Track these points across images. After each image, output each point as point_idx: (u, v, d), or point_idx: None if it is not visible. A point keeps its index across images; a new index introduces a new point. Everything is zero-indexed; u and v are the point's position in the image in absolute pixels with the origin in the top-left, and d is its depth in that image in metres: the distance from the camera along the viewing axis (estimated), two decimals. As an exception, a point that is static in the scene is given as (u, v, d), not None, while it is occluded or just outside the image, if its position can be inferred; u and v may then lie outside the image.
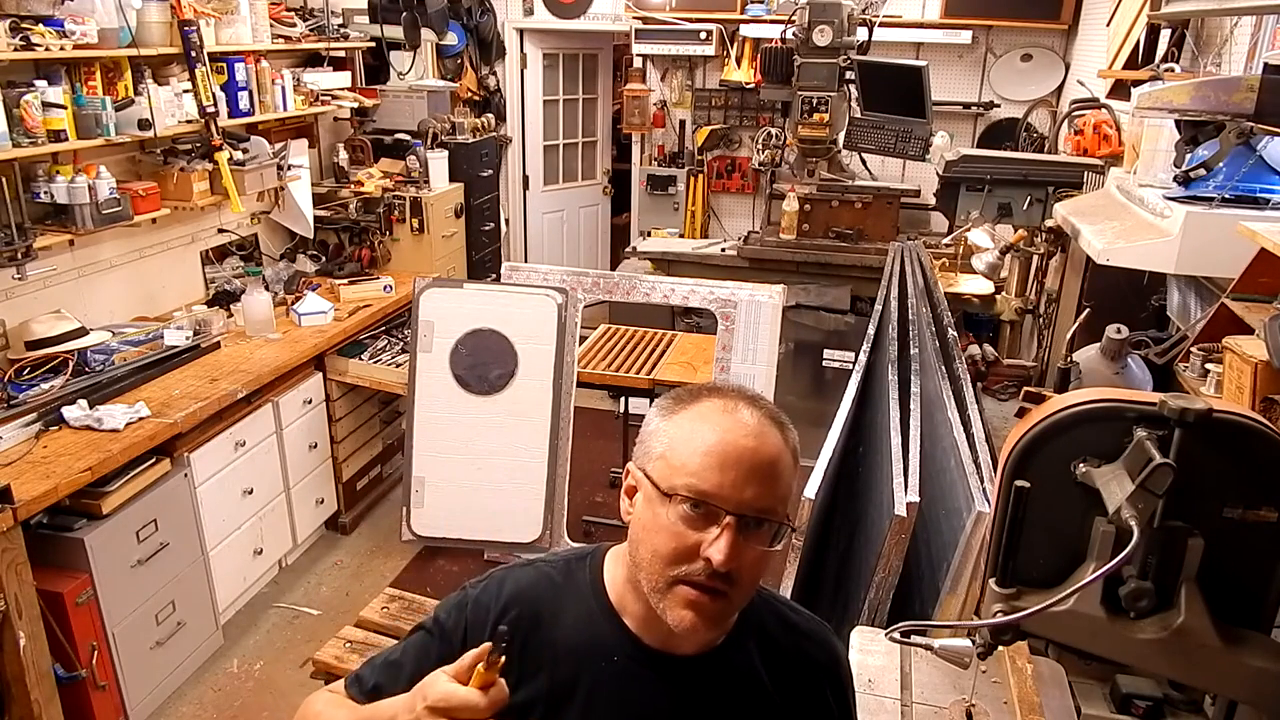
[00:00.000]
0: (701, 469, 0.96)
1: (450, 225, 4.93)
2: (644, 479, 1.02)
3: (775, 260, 4.66)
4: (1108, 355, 2.35)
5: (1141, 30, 3.56)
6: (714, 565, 0.95)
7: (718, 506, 0.96)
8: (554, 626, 1.08)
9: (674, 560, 0.97)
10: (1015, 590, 1.16)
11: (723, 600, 0.98)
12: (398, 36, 4.85)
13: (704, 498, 0.96)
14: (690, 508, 0.96)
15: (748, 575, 0.98)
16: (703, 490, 0.96)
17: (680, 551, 0.97)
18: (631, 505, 1.05)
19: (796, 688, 1.13)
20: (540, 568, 1.14)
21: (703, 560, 0.95)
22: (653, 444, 1.02)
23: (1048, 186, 3.71)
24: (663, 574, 0.98)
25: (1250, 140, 2.11)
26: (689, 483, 0.96)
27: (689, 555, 0.96)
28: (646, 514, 1.00)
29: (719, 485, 0.96)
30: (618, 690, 1.05)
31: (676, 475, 0.98)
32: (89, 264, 3.46)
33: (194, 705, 3.13)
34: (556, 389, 3.42)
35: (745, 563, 0.97)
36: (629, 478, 1.05)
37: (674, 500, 0.97)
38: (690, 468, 0.97)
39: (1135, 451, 1.06)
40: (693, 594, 0.97)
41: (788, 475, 1.01)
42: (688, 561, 0.96)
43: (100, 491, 2.72)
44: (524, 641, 1.06)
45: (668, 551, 0.97)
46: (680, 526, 0.97)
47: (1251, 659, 1.09)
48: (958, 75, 5.38)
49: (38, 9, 2.92)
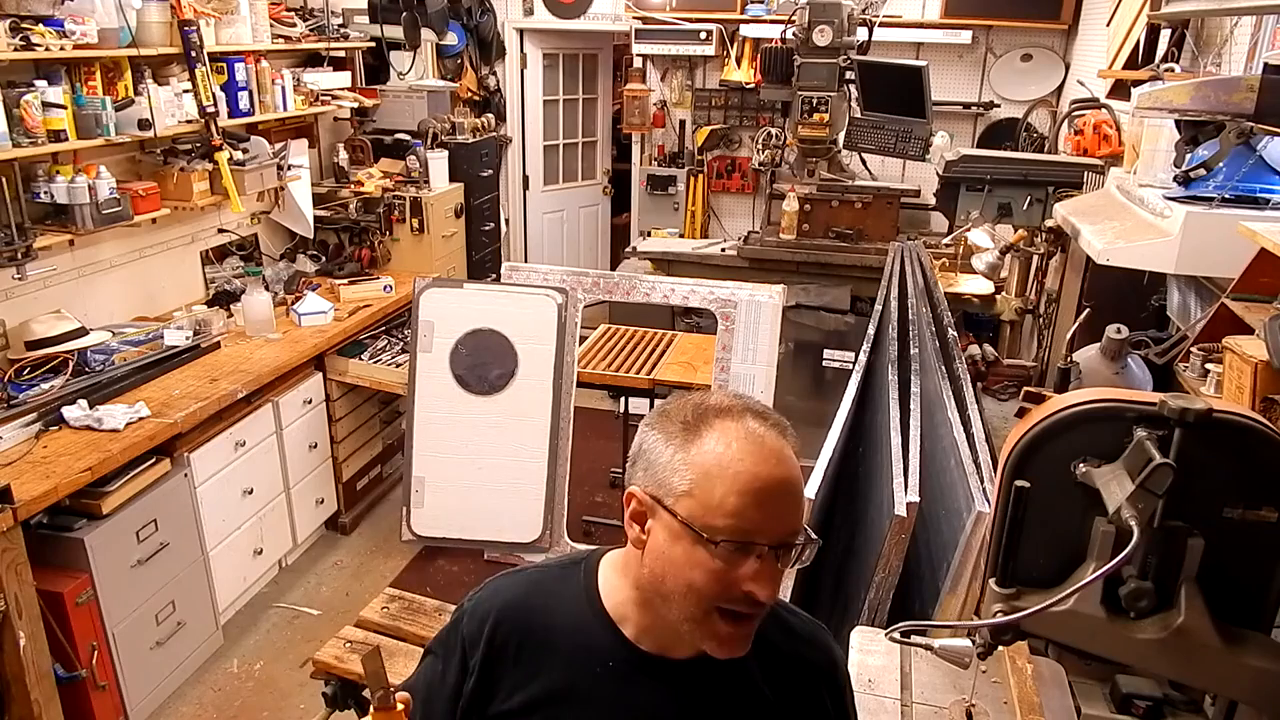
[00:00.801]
0: (740, 509, 0.94)
1: (450, 225, 4.93)
2: (666, 514, 0.98)
3: (775, 260, 4.66)
4: (1108, 355, 2.35)
5: (1141, 30, 3.56)
6: (761, 599, 0.96)
7: (759, 542, 0.96)
8: (548, 632, 1.08)
9: (714, 596, 0.97)
10: (1015, 590, 1.16)
11: (754, 621, 1.00)
12: (398, 36, 4.86)
13: (748, 538, 0.95)
14: (734, 550, 0.95)
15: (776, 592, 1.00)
16: (746, 530, 0.95)
17: (724, 586, 0.97)
18: (644, 532, 1.01)
19: (793, 691, 1.12)
20: (533, 574, 1.15)
21: (744, 594, 0.96)
22: (671, 479, 0.98)
23: (1048, 186, 3.71)
24: (700, 606, 0.98)
25: (1250, 140, 2.11)
26: (731, 524, 0.94)
27: (729, 589, 0.96)
28: (675, 551, 0.98)
29: (760, 523, 0.95)
30: (614, 694, 1.06)
31: (714, 516, 0.95)
32: (89, 264, 3.46)
33: (194, 705, 3.13)
34: (556, 389, 3.42)
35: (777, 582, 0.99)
36: (633, 503, 1.02)
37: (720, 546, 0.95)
38: (728, 507, 0.95)
39: (1135, 451, 1.06)
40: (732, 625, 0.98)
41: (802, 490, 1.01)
42: (726, 594, 0.97)
43: (100, 491, 2.72)
44: (518, 648, 1.07)
45: (708, 588, 0.97)
46: (718, 564, 0.96)
47: (1251, 659, 1.09)
48: (958, 75, 5.38)
49: (38, 9, 2.92)
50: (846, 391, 2.79)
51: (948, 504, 2.09)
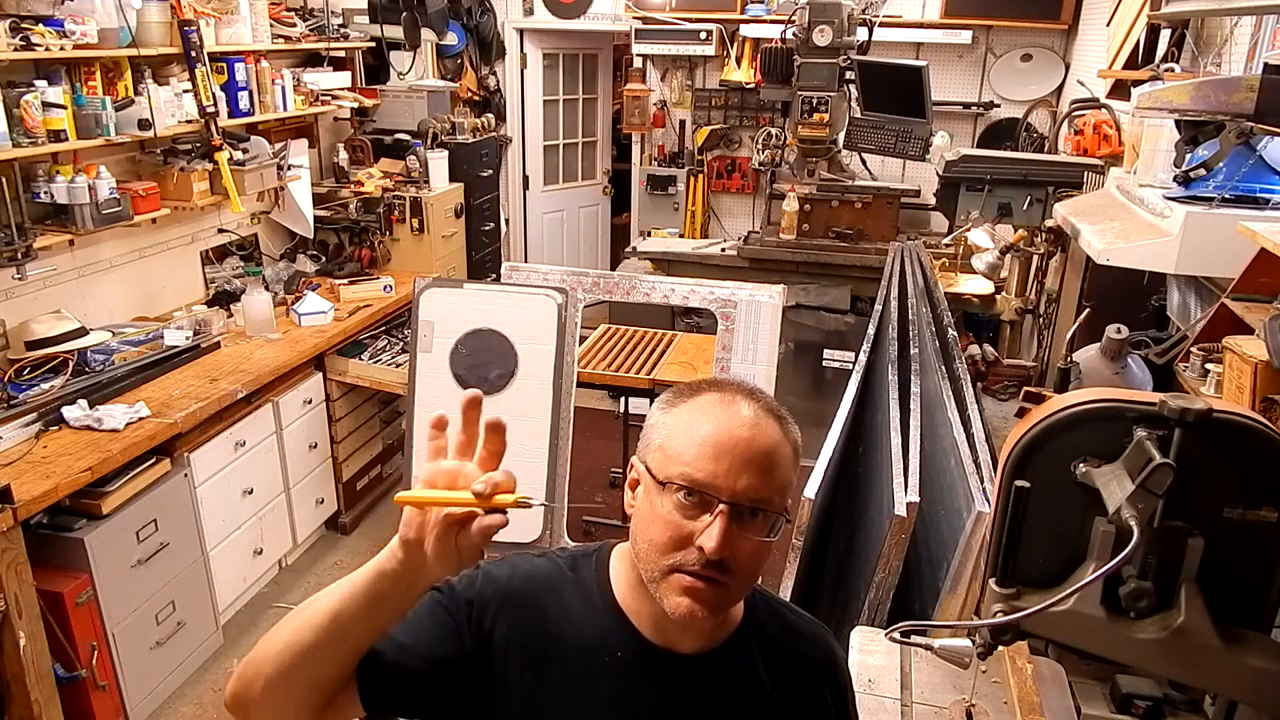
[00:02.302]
0: (696, 458, 0.97)
1: (450, 225, 4.93)
2: (644, 471, 1.03)
3: (775, 260, 4.66)
4: (1108, 355, 2.35)
5: (1141, 30, 3.56)
6: (706, 553, 0.95)
7: (711, 495, 0.96)
8: (561, 619, 1.08)
9: (669, 549, 0.98)
10: (1015, 590, 1.16)
11: (719, 588, 0.98)
12: (398, 36, 4.85)
13: (697, 486, 0.97)
14: (685, 496, 0.97)
15: (745, 565, 0.98)
16: (696, 479, 0.97)
17: (675, 540, 0.97)
18: (634, 498, 1.06)
19: (796, 688, 1.13)
20: (551, 559, 1.15)
21: (696, 549, 0.96)
22: (653, 436, 1.04)
23: (1048, 186, 3.71)
24: (658, 563, 0.99)
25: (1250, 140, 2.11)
26: (683, 471, 0.98)
27: (683, 543, 0.97)
28: (645, 505, 1.02)
29: (713, 474, 0.96)
30: (621, 686, 1.06)
31: (672, 465, 0.99)
32: (89, 264, 3.46)
33: (194, 705, 3.13)
34: (556, 389, 3.42)
35: (741, 552, 0.97)
36: (632, 471, 1.07)
37: (669, 489, 0.98)
38: (685, 457, 0.98)
39: (1135, 451, 1.06)
40: (687, 580, 0.97)
41: (785, 467, 1.01)
42: (682, 550, 0.97)
43: (100, 491, 2.72)
44: (530, 629, 1.06)
45: (663, 540, 0.98)
46: (675, 515, 0.98)
47: (1251, 659, 1.09)
48: (958, 75, 5.38)
49: (38, 9, 2.92)
50: (846, 391, 2.79)
51: (948, 504, 2.09)
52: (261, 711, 0.95)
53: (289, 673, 0.93)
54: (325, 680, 0.95)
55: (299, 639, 0.92)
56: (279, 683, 0.93)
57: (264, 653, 0.94)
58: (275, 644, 0.94)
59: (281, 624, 0.96)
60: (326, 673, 0.95)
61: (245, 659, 0.96)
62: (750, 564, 0.99)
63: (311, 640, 0.92)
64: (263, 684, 0.93)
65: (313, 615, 0.93)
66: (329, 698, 0.96)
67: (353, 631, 0.94)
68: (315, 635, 0.92)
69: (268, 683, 0.93)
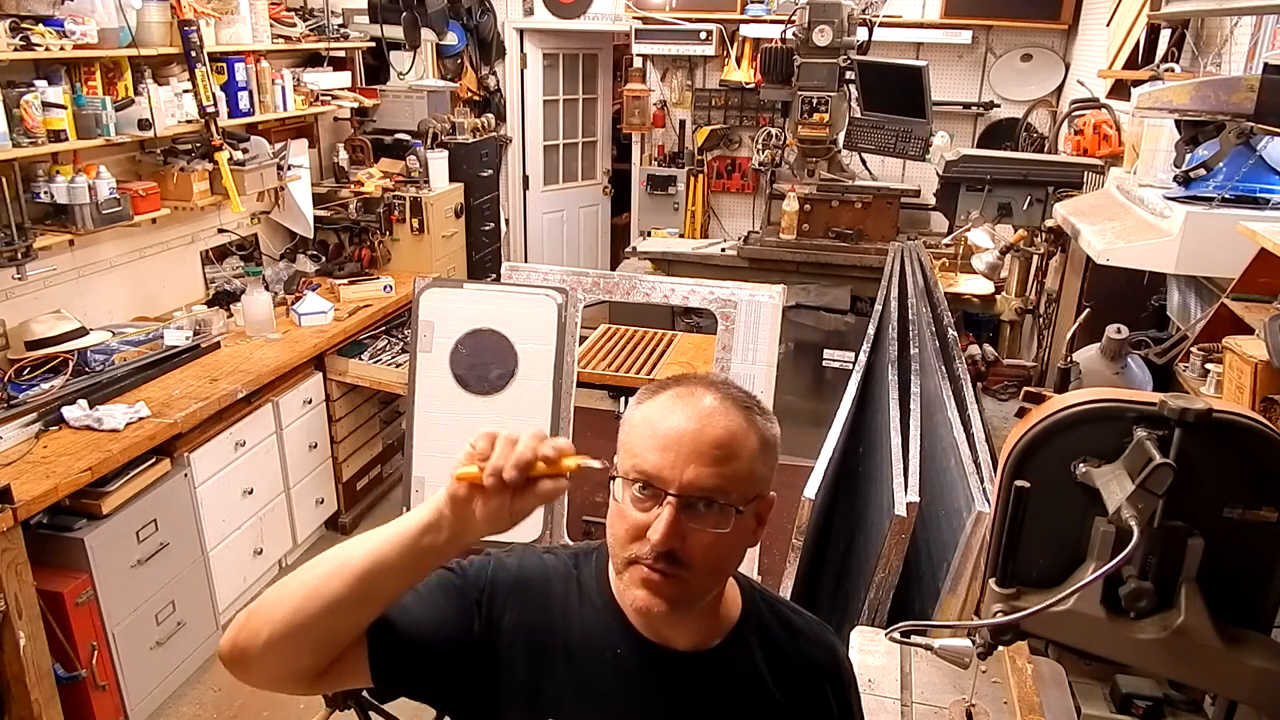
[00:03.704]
0: (644, 450, 0.99)
1: (450, 225, 4.93)
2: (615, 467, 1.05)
3: (775, 260, 4.66)
4: (1108, 355, 2.35)
5: (1141, 30, 3.56)
6: (653, 545, 0.96)
7: (659, 487, 0.97)
8: (564, 613, 1.09)
9: (627, 540, 0.99)
10: (1015, 590, 1.16)
11: (675, 581, 0.98)
12: (398, 36, 4.85)
13: (645, 478, 0.98)
14: (639, 489, 0.98)
15: (700, 557, 0.98)
16: (644, 470, 0.98)
17: (631, 532, 0.99)
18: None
19: (798, 687, 1.13)
20: (557, 555, 1.16)
21: (648, 541, 0.97)
22: (621, 433, 1.05)
23: (1048, 186, 3.71)
24: (619, 555, 1.01)
25: (1250, 140, 2.11)
26: (634, 463, 0.99)
27: (638, 535, 0.98)
28: (611, 504, 1.03)
29: (659, 466, 0.97)
30: (621, 683, 1.06)
31: (627, 458, 1.01)
32: (89, 264, 3.46)
33: (194, 705, 3.13)
34: (556, 389, 3.42)
35: (695, 545, 0.97)
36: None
37: (626, 483, 1.00)
38: (636, 450, 1.00)
39: (1135, 451, 1.06)
40: (644, 573, 0.98)
41: (745, 458, 0.99)
42: (638, 541, 0.98)
43: (100, 491, 2.72)
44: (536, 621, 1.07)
45: (621, 533, 1.00)
46: (630, 509, 0.99)
47: (1251, 659, 1.09)
48: (958, 75, 5.38)
49: (38, 9, 2.92)
50: (846, 391, 2.79)
51: (948, 504, 2.09)
52: (261, 665, 0.93)
53: (306, 621, 0.90)
54: (341, 636, 0.93)
55: (325, 587, 0.90)
56: (291, 633, 0.90)
57: (276, 600, 0.91)
58: (292, 592, 0.91)
59: (297, 573, 0.93)
60: (345, 627, 0.93)
61: (251, 607, 0.93)
62: (707, 556, 0.99)
63: (339, 589, 0.90)
64: (269, 633, 0.90)
65: (345, 563, 0.91)
66: (335, 658, 0.95)
67: (384, 585, 0.92)
68: (345, 584, 0.90)
69: (276, 632, 0.90)
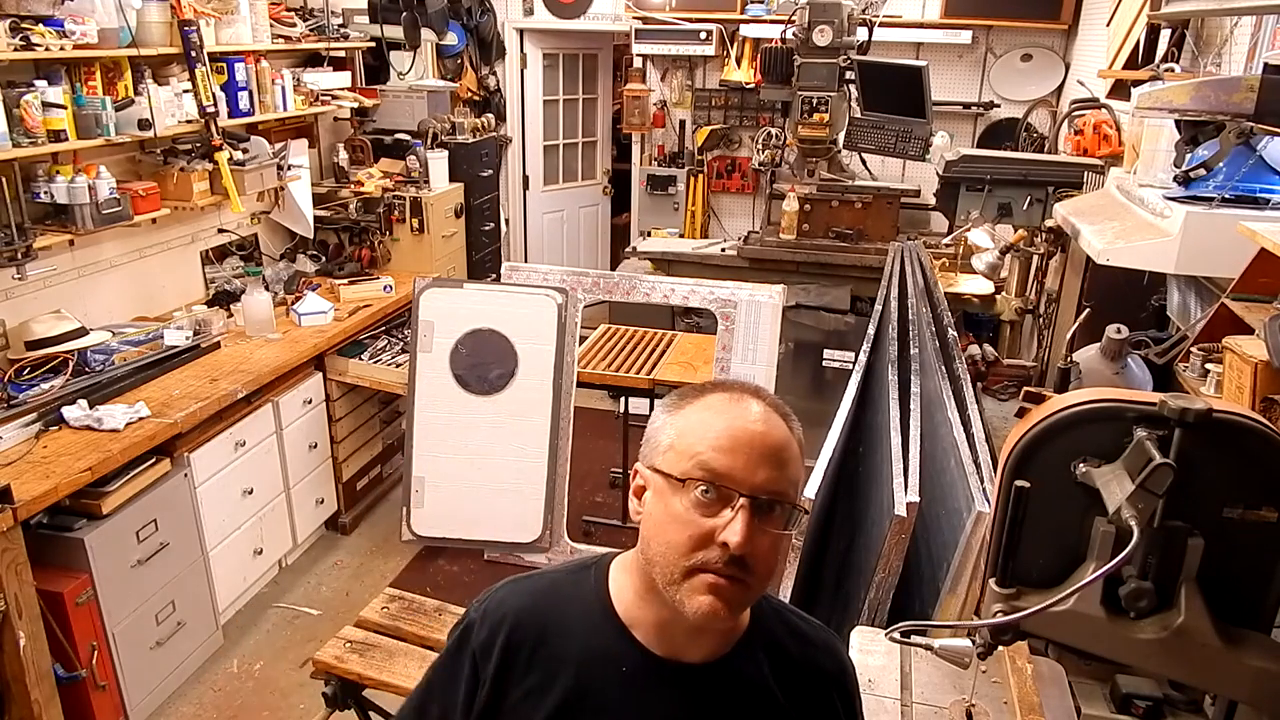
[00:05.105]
0: (713, 452, 0.97)
1: (450, 225, 4.93)
2: (652, 474, 1.01)
3: (775, 260, 4.66)
4: (1108, 355, 2.35)
5: (1141, 30, 3.56)
6: (731, 548, 0.94)
7: (732, 489, 0.95)
8: (561, 637, 1.07)
9: (689, 549, 0.96)
10: (1015, 590, 1.16)
11: (740, 586, 0.97)
12: (398, 36, 4.85)
13: (717, 479, 0.95)
14: (703, 493, 0.96)
15: (763, 562, 0.97)
16: (715, 470, 0.96)
17: (695, 539, 0.96)
18: (640, 505, 1.04)
19: (806, 696, 1.12)
20: (543, 580, 1.14)
21: (719, 546, 0.94)
22: (660, 439, 1.02)
23: (1048, 186, 3.71)
24: (678, 565, 0.97)
25: (1250, 140, 2.11)
26: (701, 462, 0.96)
27: (704, 542, 0.95)
28: (658, 508, 1.00)
29: (731, 467, 0.96)
30: (628, 699, 1.05)
31: (687, 461, 0.97)
32: (89, 264, 3.46)
33: (194, 705, 3.13)
34: (556, 389, 3.42)
35: (760, 548, 0.96)
36: (636, 478, 1.05)
37: (687, 485, 0.96)
38: (700, 453, 0.97)
39: (1135, 451, 1.06)
40: (710, 579, 0.95)
41: (796, 461, 1.01)
42: (703, 549, 0.95)
43: (100, 491, 2.72)
44: (530, 657, 1.06)
45: (682, 541, 0.96)
46: (694, 514, 0.96)
47: (1251, 659, 1.09)
48: (958, 75, 5.38)
49: (38, 9, 2.92)
50: (846, 391, 2.79)
51: (948, 504, 2.09)
52: None
53: None
54: None
55: None
56: None
57: None
58: None
59: None
60: None
61: None
62: (768, 561, 0.98)
63: None
64: None
65: None
66: None
67: None
68: None
69: None
